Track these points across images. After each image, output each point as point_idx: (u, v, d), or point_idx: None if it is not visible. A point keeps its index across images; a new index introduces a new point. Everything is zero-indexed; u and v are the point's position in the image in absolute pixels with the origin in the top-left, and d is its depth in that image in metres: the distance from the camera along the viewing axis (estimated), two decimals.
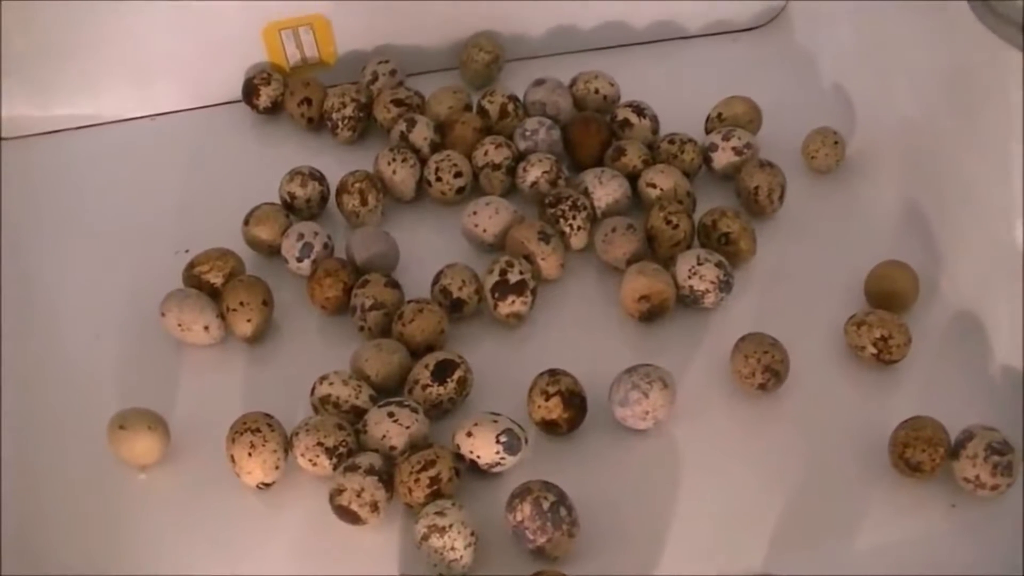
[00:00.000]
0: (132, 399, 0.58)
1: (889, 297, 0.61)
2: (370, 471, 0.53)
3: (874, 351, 0.59)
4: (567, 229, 0.65)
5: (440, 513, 0.51)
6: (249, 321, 0.61)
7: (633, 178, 0.68)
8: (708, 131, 0.72)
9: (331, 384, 0.57)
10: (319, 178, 0.69)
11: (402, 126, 0.70)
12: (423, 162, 0.69)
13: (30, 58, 0.73)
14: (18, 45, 0.72)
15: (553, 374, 0.57)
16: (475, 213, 0.65)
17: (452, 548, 0.51)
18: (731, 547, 0.53)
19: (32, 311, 0.65)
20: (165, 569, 0.53)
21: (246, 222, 0.66)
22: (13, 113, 0.75)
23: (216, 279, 0.63)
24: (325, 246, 0.64)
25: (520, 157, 0.69)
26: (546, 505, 0.51)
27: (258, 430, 0.55)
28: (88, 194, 0.72)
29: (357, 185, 0.67)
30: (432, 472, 0.53)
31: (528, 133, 0.70)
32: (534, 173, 0.67)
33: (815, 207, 0.69)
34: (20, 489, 0.56)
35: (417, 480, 0.53)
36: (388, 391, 0.58)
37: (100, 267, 0.67)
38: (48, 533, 0.55)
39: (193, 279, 0.63)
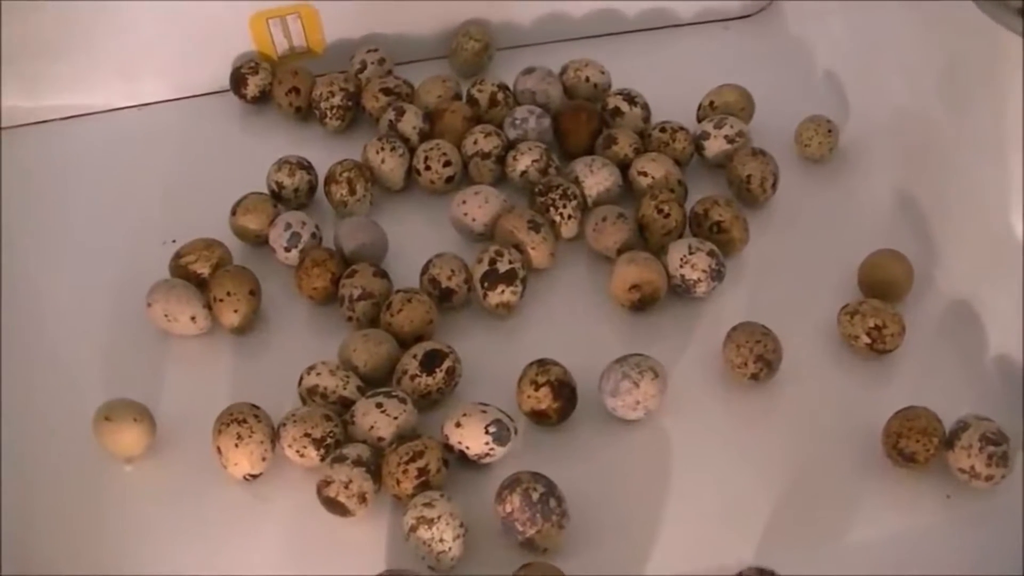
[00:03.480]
0: (118, 390, 0.57)
1: (883, 286, 0.61)
2: (358, 462, 0.52)
3: (868, 341, 0.58)
4: (557, 218, 0.64)
5: (428, 504, 0.51)
6: (236, 311, 0.61)
7: (624, 167, 0.67)
8: (700, 119, 0.71)
9: (318, 374, 0.57)
10: (307, 167, 0.68)
11: (391, 115, 0.70)
12: (412, 151, 0.69)
13: (19, 48, 0.72)
14: (8, 35, 0.71)
15: (543, 364, 0.56)
16: (464, 202, 0.65)
17: (440, 540, 0.50)
18: (723, 538, 0.53)
19: (17, 301, 0.64)
20: (151, 561, 0.53)
21: (233, 212, 0.65)
22: (1, 103, 0.74)
23: (203, 269, 0.63)
24: (313, 236, 0.64)
25: (510, 146, 0.69)
26: (535, 496, 0.51)
27: (244, 421, 0.54)
28: (75, 184, 0.72)
29: (345, 174, 0.66)
30: (420, 463, 0.52)
31: (518, 122, 0.69)
32: (524, 162, 0.67)
33: (808, 196, 0.68)
34: (4, 480, 0.56)
35: (405, 471, 0.52)
36: (376, 381, 0.58)
37: (86, 257, 0.67)
38: (33, 524, 0.54)
39: (180, 269, 0.63)
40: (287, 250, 0.63)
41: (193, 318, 0.61)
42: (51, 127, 0.76)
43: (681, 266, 0.61)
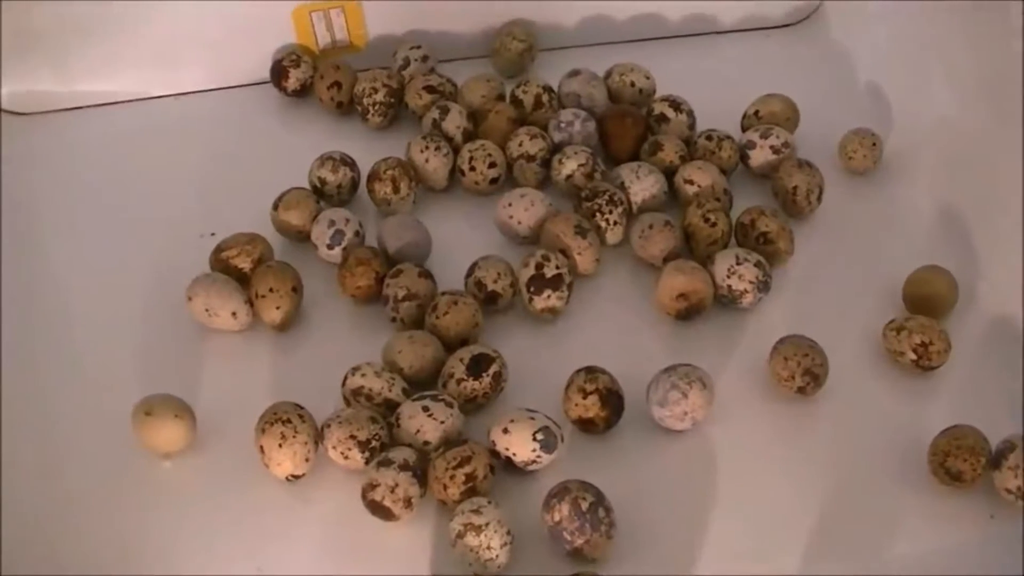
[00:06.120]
0: (157, 386, 0.57)
1: (928, 302, 0.60)
2: (404, 466, 0.52)
3: (914, 357, 0.58)
4: (603, 224, 0.63)
5: (476, 511, 0.50)
6: (278, 308, 0.60)
7: (669, 173, 0.67)
8: (744, 128, 0.71)
9: (363, 376, 0.56)
10: (350, 164, 0.67)
11: (435, 114, 0.69)
12: (456, 151, 0.68)
13: (52, 33, 0.72)
14: (40, 20, 0.71)
15: (591, 372, 0.56)
16: (510, 204, 0.64)
17: (488, 547, 0.50)
18: (767, 551, 0.53)
19: (55, 294, 0.64)
20: (189, 559, 0.53)
21: (275, 207, 0.65)
22: (34, 88, 0.74)
23: (244, 264, 0.62)
24: (356, 234, 0.63)
25: (555, 149, 0.68)
26: (585, 506, 0.50)
27: (289, 421, 0.54)
28: (111, 173, 0.71)
29: (389, 172, 0.66)
30: (468, 469, 0.52)
31: (563, 125, 0.68)
32: (570, 166, 0.66)
33: (852, 208, 0.68)
34: (43, 475, 0.55)
35: (452, 477, 0.52)
36: (421, 384, 0.57)
37: (124, 249, 0.66)
38: (70, 520, 0.54)
39: (220, 263, 0.62)
40: (330, 248, 0.63)
41: (234, 313, 0.60)
42: (85, 114, 0.75)
43: (728, 276, 0.60)
